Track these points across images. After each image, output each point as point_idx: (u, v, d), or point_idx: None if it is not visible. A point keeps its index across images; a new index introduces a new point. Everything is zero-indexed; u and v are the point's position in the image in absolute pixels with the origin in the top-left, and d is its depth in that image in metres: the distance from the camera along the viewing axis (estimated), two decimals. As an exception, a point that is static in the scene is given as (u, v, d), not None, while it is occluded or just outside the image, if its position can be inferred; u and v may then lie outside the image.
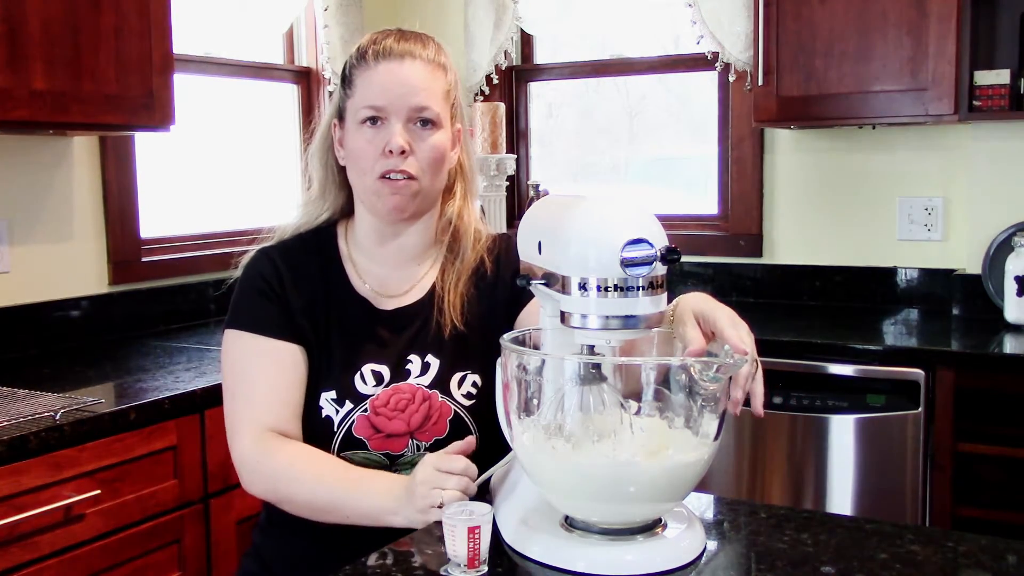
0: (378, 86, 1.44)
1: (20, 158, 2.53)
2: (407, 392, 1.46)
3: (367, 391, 1.45)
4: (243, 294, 1.49)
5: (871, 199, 3.09)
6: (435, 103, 1.46)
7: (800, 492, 2.61)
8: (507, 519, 1.24)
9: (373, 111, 1.44)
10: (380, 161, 1.43)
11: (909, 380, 2.45)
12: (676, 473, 1.13)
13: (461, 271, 1.53)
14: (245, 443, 1.42)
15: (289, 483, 1.40)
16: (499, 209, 3.49)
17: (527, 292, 1.43)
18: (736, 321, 1.22)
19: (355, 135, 1.46)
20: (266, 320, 1.46)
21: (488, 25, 3.53)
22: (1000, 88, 2.70)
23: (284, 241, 1.54)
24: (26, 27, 2.12)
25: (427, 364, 1.48)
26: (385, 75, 1.44)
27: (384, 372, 1.47)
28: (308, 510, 1.41)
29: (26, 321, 2.54)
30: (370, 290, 1.52)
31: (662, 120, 3.68)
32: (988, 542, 1.21)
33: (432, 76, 1.47)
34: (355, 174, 1.49)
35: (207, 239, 3.09)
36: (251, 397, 1.44)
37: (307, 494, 1.39)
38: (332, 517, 1.39)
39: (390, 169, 1.43)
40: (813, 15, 2.79)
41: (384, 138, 1.43)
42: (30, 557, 1.82)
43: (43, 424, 1.85)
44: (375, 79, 1.44)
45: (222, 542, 2.19)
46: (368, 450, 1.44)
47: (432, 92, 1.46)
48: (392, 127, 1.43)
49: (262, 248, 1.53)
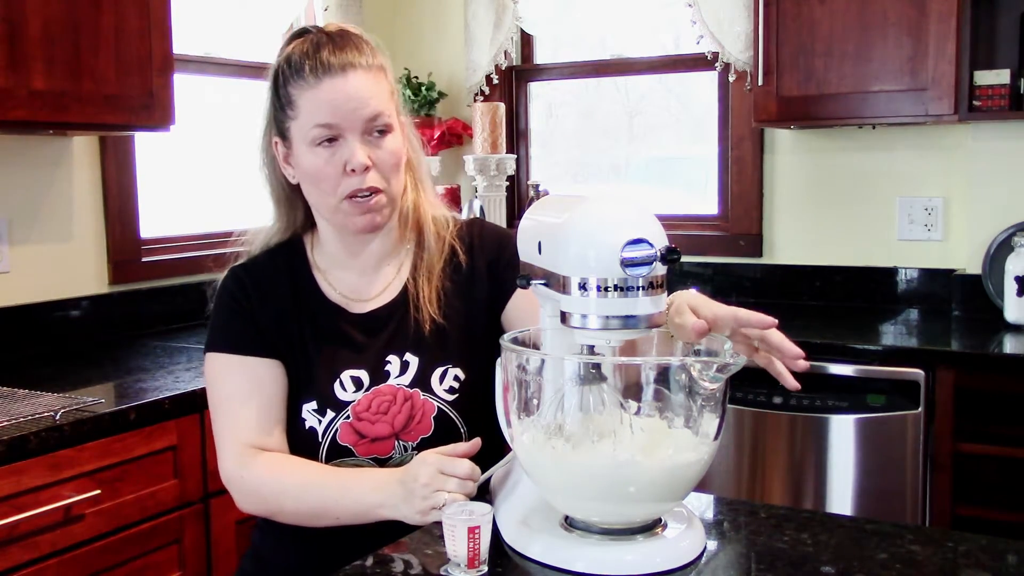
0: (326, 104, 1.38)
1: (20, 158, 2.53)
2: (388, 394, 1.45)
3: (347, 398, 1.44)
4: (216, 315, 1.50)
5: (871, 199, 3.09)
6: (386, 106, 1.42)
7: (800, 492, 2.61)
8: (507, 519, 1.24)
9: (327, 130, 1.39)
10: (344, 181, 1.40)
11: (909, 380, 2.45)
12: (676, 473, 1.13)
13: (432, 264, 1.51)
14: (228, 463, 1.43)
15: (275, 496, 1.41)
16: (499, 209, 3.49)
17: (510, 283, 1.43)
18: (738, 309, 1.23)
19: (308, 156, 1.41)
20: (238, 338, 1.46)
21: (488, 25, 3.53)
22: (1000, 88, 2.70)
23: (253, 257, 1.53)
24: (26, 27, 2.12)
25: (406, 363, 1.47)
26: (331, 93, 1.38)
27: (363, 377, 1.46)
28: (299, 518, 1.41)
29: (26, 321, 2.54)
30: (341, 296, 1.51)
31: (662, 120, 3.68)
32: (988, 542, 1.21)
33: (376, 82, 1.42)
34: (316, 196, 1.45)
35: (207, 239, 3.09)
36: (231, 416, 1.44)
37: (294, 503, 1.40)
38: (324, 521, 1.39)
39: (356, 189, 1.40)
40: (813, 15, 2.79)
41: (343, 157, 1.39)
42: (30, 557, 1.82)
43: (43, 424, 1.85)
44: (321, 97, 1.38)
45: (222, 542, 2.19)
46: (356, 456, 1.43)
47: (380, 98, 1.41)
48: (349, 144, 1.39)
49: (232, 267, 1.52)
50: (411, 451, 1.43)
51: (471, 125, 3.49)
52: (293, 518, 1.42)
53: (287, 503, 1.40)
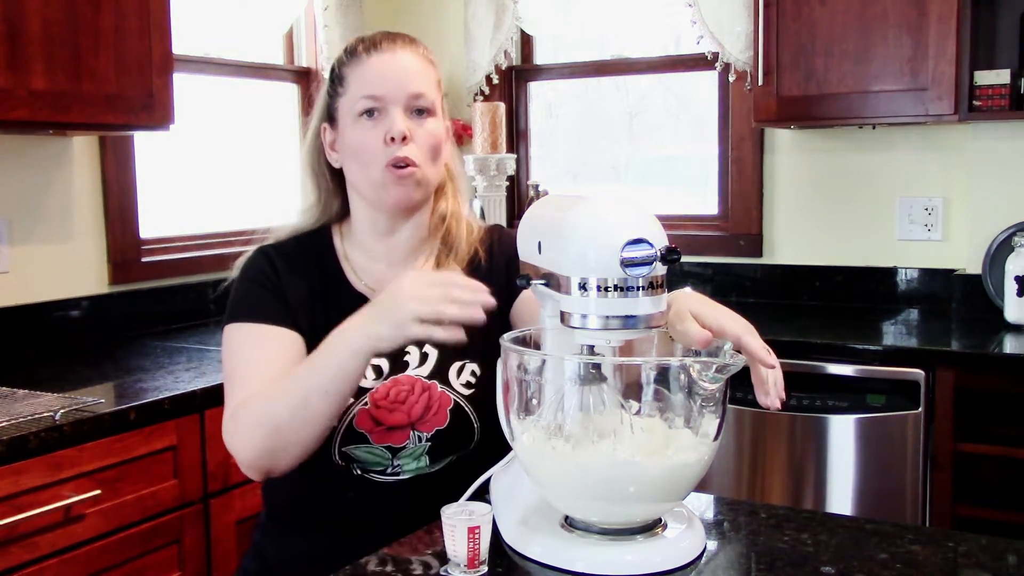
0: (373, 76, 1.45)
1: (20, 158, 2.53)
2: (406, 384, 1.45)
3: (366, 384, 1.45)
4: (240, 289, 1.49)
5: (871, 199, 3.09)
6: (430, 91, 1.47)
7: (800, 492, 2.61)
8: (507, 519, 1.24)
9: (371, 101, 1.44)
10: (383, 150, 1.44)
11: (909, 380, 2.45)
12: (676, 473, 1.13)
13: (456, 262, 1.53)
14: (228, 412, 1.36)
15: (269, 409, 1.30)
16: (499, 209, 3.50)
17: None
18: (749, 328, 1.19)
19: (353, 130, 1.46)
20: (264, 309, 1.44)
21: (488, 25, 3.53)
22: (1000, 88, 2.70)
23: (281, 241, 1.54)
24: (26, 27, 2.12)
25: (425, 355, 1.48)
26: (379, 64, 1.45)
27: (383, 365, 1.46)
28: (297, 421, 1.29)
29: (26, 321, 2.54)
30: (366, 287, 1.52)
31: (662, 120, 3.68)
32: (988, 542, 1.21)
33: (424, 66, 1.49)
34: (357, 168, 1.48)
35: (207, 239, 3.09)
36: (247, 378, 1.38)
37: (285, 401, 1.29)
38: (318, 407, 1.28)
39: (394, 157, 1.43)
40: (813, 15, 2.79)
41: (384, 127, 1.44)
42: (30, 557, 1.82)
43: (43, 424, 1.85)
44: (369, 71, 1.45)
45: (222, 542, 2.19)
46: (370, 443, 1.43)
47: (426, 79, 1.48)
48: (391, 115, 1.44)
49: (259, 247, 1.53)
50: (425, 442, 1.44)
51: (471, 125, 3.49)
52: (289, 424, 1.29)
53: (279, 408, 1.29)
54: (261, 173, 3.40)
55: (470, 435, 1.46)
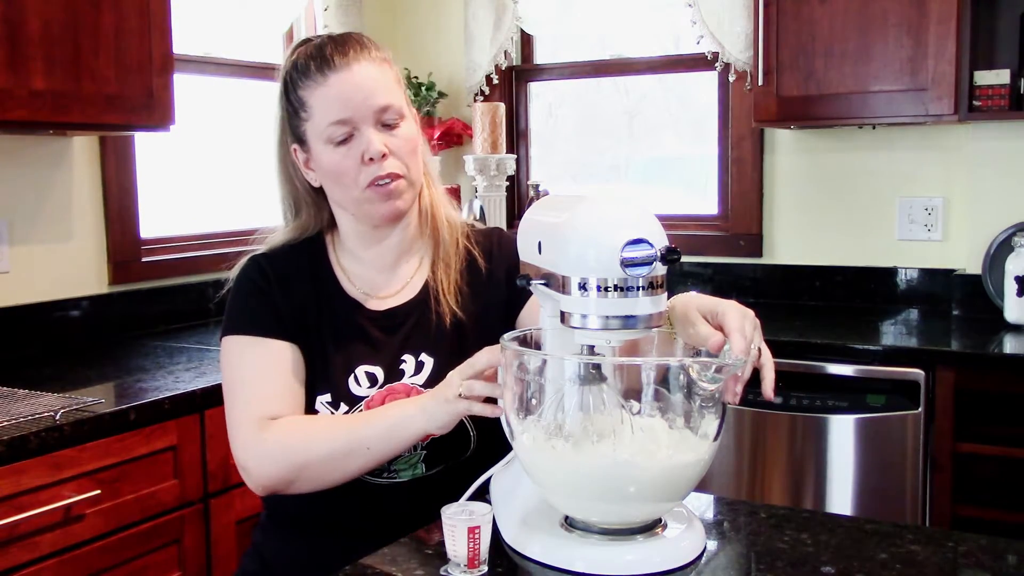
0: (337, 99, 1.41)
1: (20, 158, 2.53)
2: (401, 392, 1.45)
3: (361, 392, 1.45)
4: (235, 299, 1.49)
5: (871, 199, 3.09)
6: (394, 97, 1.44)
7: (800, 492, 2.61)
8: (507, 519, 1.24)
9: (341, 126, 1.41)
10: (363, 172, 1.42)
11: (909, 380, 2.45)
12: (676, 473, 1.13)
13: (448, 258, 1.53)
14: (244, 435, 1.39)
15: (304, 443, 1.36)
16: (499, 209, 3.50)
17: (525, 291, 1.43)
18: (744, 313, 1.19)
19: (328, 155, 1.43)
20: (259, 320, 1.45)
21: (488, 25, 3.53)
22: (1000, 88, 2.70)
23: (273, 248, 1.54)
24: (26, 27, 2.12)
25: (421, 363, 1.48)
26: (339, 86, 1.41)
27: (378, 373, 1.46)
28: (329, 465, 1.35)
29: (26, 321, 2.54)
30: (360, 292, 1.51)
31: (662, 120, 3.68)
32: (988, 542, 1.22)
33: (382, 72, 1.45)
34: (339, 191, 1.47)
35: (207, 239, 3.09)
36: (249, 393, 1.41)
37: (326, 444, 1.35)
38: (355, 459, 1.34)
39: (375, 177, 1.42)
40: (813, 15, 2.79)
41: (359, 148, 1.41)
42: (30, 557, 1.82)
43: (43, 424, 1.85)
44: (331, 93, 1.41)
45: (222, 542, 2.19)
46: None
47: (388, 87, 1.44)
48: (365, 135, 1.41)
49: (252, 255, 1.53)
50: (420, 450, 1.43)
51: (471, 125, 3.49)
52: (322, 467, 1.35)
53: (316, 450, 1.35)
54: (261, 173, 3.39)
55: (466, 443, 1.46)
